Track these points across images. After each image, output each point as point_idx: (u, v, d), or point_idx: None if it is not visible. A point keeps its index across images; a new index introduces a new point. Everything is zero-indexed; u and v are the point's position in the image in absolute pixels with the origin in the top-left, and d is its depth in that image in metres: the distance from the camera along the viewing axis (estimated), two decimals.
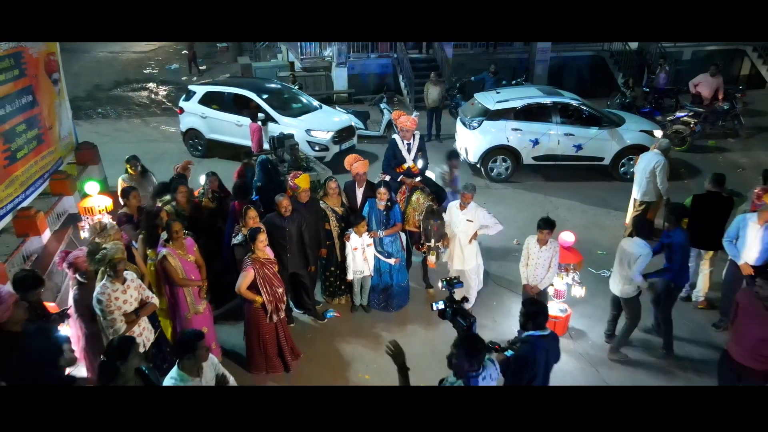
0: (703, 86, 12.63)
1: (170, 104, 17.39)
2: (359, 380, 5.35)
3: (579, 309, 6.19)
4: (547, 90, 11.15)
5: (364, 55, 16.48)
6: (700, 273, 6.23)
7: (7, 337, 3.40)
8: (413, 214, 6.14)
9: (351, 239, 5.79)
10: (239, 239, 5.54)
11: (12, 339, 3.41)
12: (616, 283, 5.37)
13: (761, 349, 3.99)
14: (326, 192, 6.11)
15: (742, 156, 11.65)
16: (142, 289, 4.44)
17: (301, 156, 8.36)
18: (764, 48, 18.15)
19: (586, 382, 5.27)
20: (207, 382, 3.48)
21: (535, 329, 3.68)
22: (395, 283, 6.24)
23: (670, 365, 5.51)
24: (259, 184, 6.77)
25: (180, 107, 11.62)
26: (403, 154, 6.37)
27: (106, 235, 4.54)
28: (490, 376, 3.38)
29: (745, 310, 4.10)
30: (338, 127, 10.82)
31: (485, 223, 5.79)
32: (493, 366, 3.45)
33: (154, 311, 4.70)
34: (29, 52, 7.48)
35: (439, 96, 12.31)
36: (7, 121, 6.69)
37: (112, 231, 4.69)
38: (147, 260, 5.30)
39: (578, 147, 10.08)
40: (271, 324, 5.22)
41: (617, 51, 17.32)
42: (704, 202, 5.86)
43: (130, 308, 4.19)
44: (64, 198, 7.94)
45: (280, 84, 12.70)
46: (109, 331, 3.98)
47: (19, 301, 3.47)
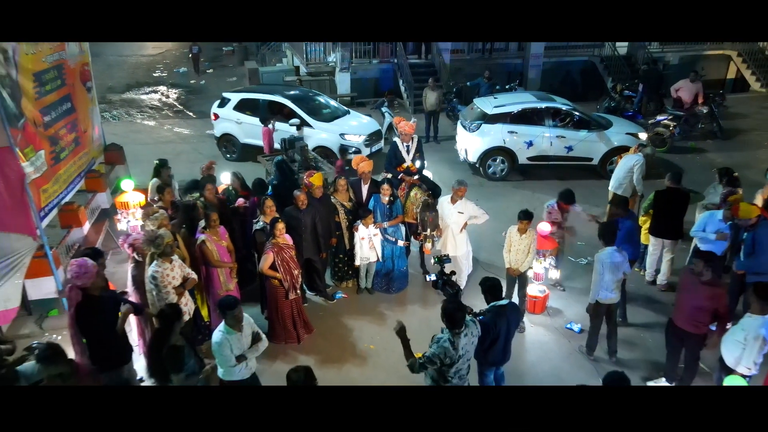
0: (683, 91, 13.49)
1: (181, 107, 18.27)
2: (365, 350, 6.23)
3: (557, 290, 7.07)
4: (540, 96, 12.01)
5: (365, 61, 17.33)
6: (664, 260, 7.11)
7: (89, 299, 4.27)
8: (411, 207, 7.02)
9: (359, 230, 6.67)
10: (260, 225, 6.40)
11: (93, 301, 4.28)
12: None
13: (697, 315, 4.86)
14: (336, 188, 6.99)
15: (719, 156, 12.50)
16: (183, 268, 5.31)
17: (310, 156, 9.23)
18: (748, 53, 18.97)
19: (559, 352, 6.15)
20: (245, 336, 4.37)
21: (494, 300, 4.56)
22: (396, 269, 7.12)
23: (633, 338, 6.38)
24: (275, 182, 7.65)
25: (214, 113, 12.25)
26: (402, 155, 7.27)
27: (157, 221, 5.41)
28: (471, 333, 4.26)
29: (684, 285, 4.98)
30: (369, 131, 11.60)
31: (474, 214, 6.68)
32: (475, 325, 4.33)
33: (192, 289, 5.58)
34: (68, 64, 8.36)
35: (436, 100, 13.16)
36: (52, 126, 7.55)
37: (161, 218, 5.56)
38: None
39: (569, 148, 10.95)
40: (288, 301, 6.10)
41: (607, 56, 18.16)
42: (665, 197, 6.74)
43: (177, 283, 5.08)
44: (98, 194, 8.83)
45: (309, 90, 13.45)
46: (161, 303, 4.86)
47: (100, 271, 4.35)
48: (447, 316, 4.07)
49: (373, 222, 6.73)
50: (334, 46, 16.67)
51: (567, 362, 6.00)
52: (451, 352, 4.03)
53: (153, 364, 4.19)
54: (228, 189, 7.52)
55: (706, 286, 4.76)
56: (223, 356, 4.24)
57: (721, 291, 4.85)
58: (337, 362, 6.04)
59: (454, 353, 4.04)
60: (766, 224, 5.80)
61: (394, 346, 6.06)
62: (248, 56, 25.38)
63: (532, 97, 11.81)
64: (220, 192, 7.45)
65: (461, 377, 4.24)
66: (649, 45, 18.67)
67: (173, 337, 4.28)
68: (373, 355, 6.13)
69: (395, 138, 7.50)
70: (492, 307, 4.60)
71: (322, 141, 11.16)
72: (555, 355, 6.13)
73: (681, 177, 6.89)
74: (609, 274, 5.46)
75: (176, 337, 4.32)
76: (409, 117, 15.21)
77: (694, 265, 4.82)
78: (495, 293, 4.61)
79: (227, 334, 4.24)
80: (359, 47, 16.98)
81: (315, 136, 11.13)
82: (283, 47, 22.83)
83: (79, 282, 4.20)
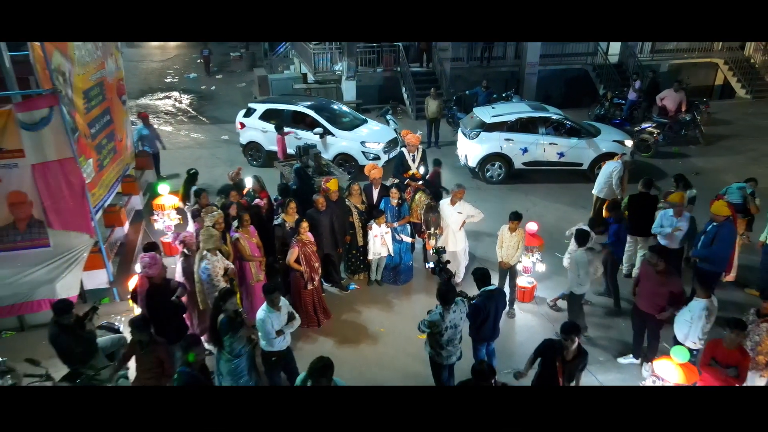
0: (668, 100, 14.45)
1: (195, 113, 19.19)
2: (376, 332, 7.20)
3: (544, 282, 8.05)
4: (535, 105, 12.98)
5: (370, 69, 18.27)
6: (638, 255, 8.08)
7: (155, 286, 5.25)
8: (416, 209, 8.00)
9: (373, 228, 7.63)
10: (279, 221, 7.34)
11: (158, 287, 5.26)
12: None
13: (655, 299, 5.83)
14: (350, 192, 7.95)
15: (699, 161, 13.46)
16: (224, 260, 6.29)
17: (322, 162, 10.18)
18: (734, 61, 19.93)
19: (544, 334, 7.09)
20: (282, 314, 5.34)
21: (484, 286, 5.55)
22: (403, 263, 8.09)
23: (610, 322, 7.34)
24: (294, 186, 8.61)
25: (240, 122, 13.09)
26: (408, 163, 8.25)
27: (213, 219, 6.33)
28: (460, 310, 5.26)
29: (643, 274, 5.96)
30: (387, 138, 12.51)
31: (471, 213, 7.65)
32: (463, 304, 5.33)
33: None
34: (107, 80, 9.33)
35: (437, 108, 14.12)
36: (97, 137, 8.52)
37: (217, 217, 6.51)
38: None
39: (561, 154, 11.91)
40: (309, 290, 7.06)
41: (599, 64, 19.12)
42: (637, 200, 7.73)
43: (222, 273, 6.05)
44: (132, 197, 9.81)
45: (329, 100, 14.34)
46: (212, 290, 5.83)
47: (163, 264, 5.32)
48: (440, 296, 5.12)
49: (384, 221, 7.70)
50: (341, 55, 17.61)
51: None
52: (439, 322, 5.11)
53: (213, 331, 5.13)
54: (249, 191, 8.46)
55: (660, 275, 5.73)
56: (265, 330, 5.22)
57: (673, 278, 5.82)
58: (352, 342, 7.01)
59: (441, 324, 5.11)
60: (730, 225, 6.79)
61: (401, 329, 7.10)
62: (255, 62, 26.34)
63: (527, 107, 12.77)
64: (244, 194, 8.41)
65: (454, 346, 5.31)
66: (639, 53, 19.65)
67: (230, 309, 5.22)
68: (383, 337, 7.10)
69: (402, 148, 8.48)
70: (483, 292, 5.58)
71: (343, 148, 12.05)
72: (540, 336, 6.93)
73: (651, 183, 7.87)
74: (581, 270, 6.45)
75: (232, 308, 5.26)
76: (412, 122, 16.23)
77: (650, 257, 5.80)
78: (485, 281, 5.59)
79: (269, 312, 5.23)
80: (364, 56, 17.93)
81: (336, 144, 12.04)
82: (290, 55, 23.79)
83: (151, 271, 5.14)
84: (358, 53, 17.58)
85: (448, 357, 5.35)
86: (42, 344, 6.72)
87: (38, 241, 6.85)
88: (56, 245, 6.90)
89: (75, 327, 5.07)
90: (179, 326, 5.48)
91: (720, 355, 4.94)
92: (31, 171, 6.54)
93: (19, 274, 6.72)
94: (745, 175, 9.89)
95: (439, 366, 5.45)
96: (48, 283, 6.81)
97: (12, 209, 6.65)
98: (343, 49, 17.24)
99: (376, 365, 6.59)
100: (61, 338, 5.01)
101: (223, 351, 5.20)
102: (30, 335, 6.99)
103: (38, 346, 6.69)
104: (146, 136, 11.62)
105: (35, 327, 7.04)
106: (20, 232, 6.78)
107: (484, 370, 4.37)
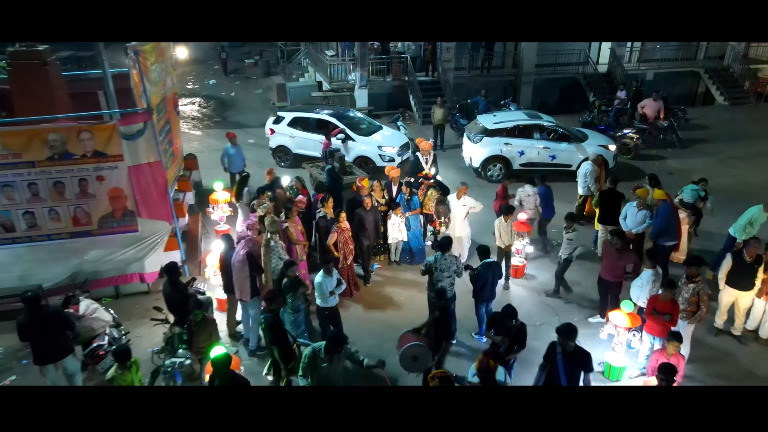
0: (647, 108, 16.23)
1: (219, 118, 20.90)
2: (398, 300, 8.97)
3: (532, 262, 9.84)
4: (531, 114, 14.76)
5: (380, 78, 20.03)
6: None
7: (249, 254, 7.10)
8: (429, 203, 9.78)
9: (392, 218, 9.40)
10: (321, 214, 9.10)
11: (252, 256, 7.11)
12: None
13: (614, 271, 7.62)
14: (373, 188, 9.72)
15: (674, 162, 15.23)
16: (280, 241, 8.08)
17: (346, 164, 11.95)
18: (713, 70, 21.67)
19: (531, 302, 8.89)
20: (333, 279, 7.12)
21: (485, 259, 7.34)
22: (416, 247, 9.86)
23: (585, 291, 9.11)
24: (326, 184, 10.38)
25: (270, 129, 14.91)
26: (422, 165, 10.05)
27: (265, 209, 8.13)
28: (451, 261, 7.14)
29: (604, 251, 7.78)
30: (401, 143, 14.24)
31: (473, 205, 9.42)
32: (455, 259, 7.25)
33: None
34: (167, 95, 11.10)
35: (442, 116, 15.90)
36: (162, 144, 10.29)
37: (268, 208, 8.31)
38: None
39: (553, 157, 13.69)
40: (344, 267, 8.83)
41: (589, 74, 20.87)
42: (606, 195, 9.54)
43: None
44: (187, 193, 11.58)
45: (346, 108, 16.11)
46: (276, 261, 7.60)
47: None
48: (440, 245, 7.16)
49: (401, 212, 9.47)
50: (354, 65, 19.36)
51: (536, 308, 8.74)
52: (432, 264, 7.12)
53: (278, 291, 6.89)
54: (292, 188, 10.23)
55: (618, 252, 7.53)
56: (321, 291, 7.02)
57: (628, 254, 7.60)
58: (378, 308, 8.79)
59: (433, 265, 7.10)
60: (667, 205, 8.74)
61: (416, 299, 8.87)
62: (269, 69, 28.00)
63: (524, 115, 14.56)
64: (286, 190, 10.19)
65: (450, 285, 7.23)
66: (627, 63, 21.40)
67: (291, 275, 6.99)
68: (403, 304, 8.89)
69: (417, 153, 10.30)
70: (483, 263, 7.36)
71: (362, 152, 13.85)
72: (529, 304, 8.85)
73: (618, 180, 9.72)
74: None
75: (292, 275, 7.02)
76: (419, 127, 18.00)
77: (611, 239, 7.61)
78: (486, 254, 7.37)
79: (324, 277, 7.02)
80: (375, 67, 19.70)
81: (356, 148, 13.82)
82: (303, 63, 25.49)
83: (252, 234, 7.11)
84: (370, 64, 19.33)
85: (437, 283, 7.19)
86: (134, 308, 8.58)
87: (130, 227, 8.65)
88: (144, 231, 8.70)
89: (183, 287, 6.87)
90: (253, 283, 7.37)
91: (658, 306, 6.71)
92: (128, 172, 8.33)
93: (115, 253, 8.53)
94: (713, 176, 11.68)
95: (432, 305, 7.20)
96: (138, 261, 8.64)
97: (111, 202, 8.44)
98: (356, 60, 19.00)
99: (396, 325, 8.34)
100: (173, 295, 6.79)
101: (287, 307, 6.98)
102: (124, 301, 8.77)
103: (132, 309, 8.54)
104: (232, 155, 12.36)
105: (127, 295, 8.84)
106: (116, 219, 8.58)
107: (510, 311, 6.15)
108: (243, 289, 7.32)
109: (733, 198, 11.71)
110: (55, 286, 8.04)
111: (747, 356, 7.69)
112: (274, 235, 7.70)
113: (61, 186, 8.17)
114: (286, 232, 8.49)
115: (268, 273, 7.63)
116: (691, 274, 6.91)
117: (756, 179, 14.00)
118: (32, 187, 8.10)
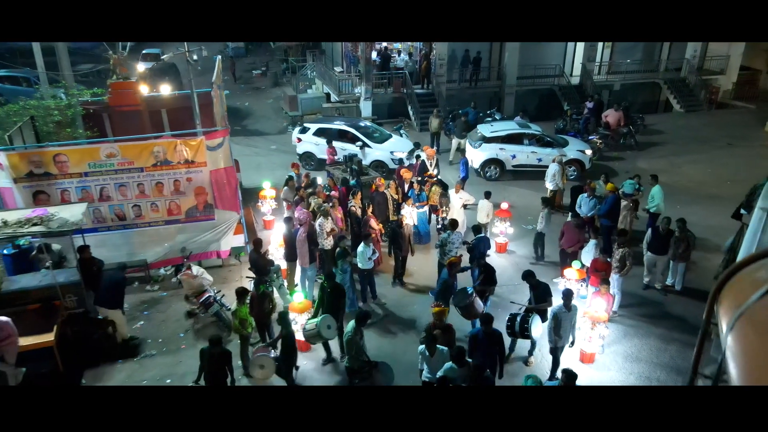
0: (610, 117, 19.26)
1: (239, 127, 23.48)
2: (411, 269, 11.83)
3: (514, 241, 12.80)
4: (521, 123, 17.76)
5: (382, 91, 22.86)
6: None
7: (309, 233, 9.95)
8: (433, 196, 12.69)
9: (405, 208, 12.27)
10: (351, 203, 11.94)
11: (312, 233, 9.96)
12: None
13: (570, 241, 10.59)
14: (389, 186, 12.59)
15: (631, 164, 18.19)
16: (331, 223, 10.90)
17: (363, 167, 14.80)
18: (671, 81, 24.78)
19: (512, 270, 11.80)
20: (370, 248, 9.98)
21: (478, 234, 10.26)
22: (423, 231, 12.76)
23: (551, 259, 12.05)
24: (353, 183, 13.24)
25: (297, 137, 17.66)
26: (427, 166, 12.97)
27: (317, 194, 11.02)
28: (455, 238, 10.05)
29: (566, 228, 10.76)
30: (408, 149, 16.81)
31: (468, 198, 12.34)
32: (458, 236, 10.15)
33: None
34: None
35: (438, 125, 18.82)
36: None
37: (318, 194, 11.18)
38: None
39: (539, 160, 16.59)
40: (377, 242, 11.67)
41: (563, 85, 23.86)
42: (575, 190, 12.54)
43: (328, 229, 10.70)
44: None
45: (361, 119, 19.01)
46: (324, 239, 10.45)
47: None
48: (451, 225, 9.98)
49: (411, 204, 12.35)
50: (359, 80, 22.18)
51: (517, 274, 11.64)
52: (446, 239, 9.99)
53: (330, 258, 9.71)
54: (325, 185, 13.05)
55: (575, 227, 10.52)
56: (363, 256, 9.90)
57: (579, 229, 10.59)
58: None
59: (446, 239, 9.94)
60: (613, 195, 11.76)
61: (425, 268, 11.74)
62: (277, 79, 30.37)
63: (516, 125, 17.59)
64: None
65: (454, 252, 10.05)
66: (596, 74, 24.42)
67: (342, 245, 9.86)
68: (414, 272, 11.77)
69: (423, 157, 13.25)
70: (476, 237, 10.28)
71: (376, 157, 16.72)
72: (510, 272, 11.76)
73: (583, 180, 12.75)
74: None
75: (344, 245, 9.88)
76: (417, 134, 20.87)
77: (572, 219, 10.60)
78: (478, 231, 10.30)
79: (365, 247, 9.90)
80: (377, 80, 22.54)
81: (372, 154, 16.70)
82: (309, 75, 28.10)
83: (302, 219, 9.97)
84: (373, 78, 22.17)
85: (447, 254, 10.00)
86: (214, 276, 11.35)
87: (209, 216, 11.42)
88: (219, 219, 11.48)
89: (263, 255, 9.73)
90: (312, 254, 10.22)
91: (598, 266, 9.67)
92: (209, 174, 11.11)
93: (199, 236, 11.32)
94: (662, 173, 14.68)
95: (441, 265, 10.09)
96: (215, 242, 11.44)
97: (196, 197, 11.21)
98: (362, 76, 21.83)
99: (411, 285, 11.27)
100: (259, 260, 9.61)
101: (338, 268, 9.80)
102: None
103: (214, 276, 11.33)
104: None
105: (208, 267, 11.60)
106: (199, 210, 11.34)
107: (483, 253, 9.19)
108: (304, 258, 10.17)
109: (674, 191, 14.75)
110: (159, 259, 10.84)
111: (667, 303, 10.69)
112: (323, 218, 10.58)
113: (161, 185, 10.94)
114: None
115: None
116: (620, 243, 9.91)
117: (697, 176, 17.12)
118: (140, 186, 10.86)
